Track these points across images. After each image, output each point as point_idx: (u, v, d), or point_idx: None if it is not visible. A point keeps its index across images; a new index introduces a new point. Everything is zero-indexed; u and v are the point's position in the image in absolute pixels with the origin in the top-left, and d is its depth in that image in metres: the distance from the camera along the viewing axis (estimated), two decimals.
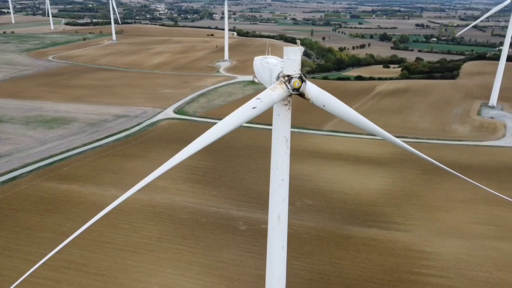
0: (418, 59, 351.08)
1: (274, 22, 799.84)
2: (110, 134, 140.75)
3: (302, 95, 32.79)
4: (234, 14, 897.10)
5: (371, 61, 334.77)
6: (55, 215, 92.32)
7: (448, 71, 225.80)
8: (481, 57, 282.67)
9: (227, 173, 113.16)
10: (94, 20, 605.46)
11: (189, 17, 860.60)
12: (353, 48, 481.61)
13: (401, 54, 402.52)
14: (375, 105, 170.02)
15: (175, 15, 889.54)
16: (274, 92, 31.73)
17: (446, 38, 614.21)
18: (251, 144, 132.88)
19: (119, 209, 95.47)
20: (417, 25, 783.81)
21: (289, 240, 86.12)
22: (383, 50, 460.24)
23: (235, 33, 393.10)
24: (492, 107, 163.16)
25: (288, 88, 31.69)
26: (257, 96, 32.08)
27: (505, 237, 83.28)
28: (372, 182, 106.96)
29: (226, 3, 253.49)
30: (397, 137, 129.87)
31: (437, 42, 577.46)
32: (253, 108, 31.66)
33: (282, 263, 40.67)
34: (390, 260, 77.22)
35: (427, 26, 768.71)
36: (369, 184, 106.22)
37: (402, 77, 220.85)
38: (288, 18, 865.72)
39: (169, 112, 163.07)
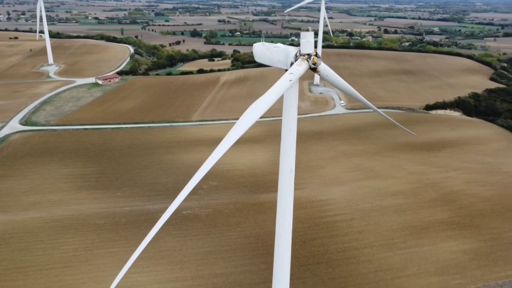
0: (235, 51, 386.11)
1: (75, 22, 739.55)
2: None
3: (314, 69, 42.65)
4: (24, 14, 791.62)
5: (196, 55, 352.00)
6: None
7: None
8: (291, 45, 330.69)
9: (121, 173, 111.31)
10: None
11: None
12: (170, 44, 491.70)
13: (218, 48, 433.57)
14: (227, 93, 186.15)
15: None
16: (301, 67, 40.95)
17: (247, 31, 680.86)
18: (129, 143, 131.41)
19: (18, 232, 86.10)
20: (219, 21, 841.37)
21: (214, 218, 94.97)
22: (199, 45, 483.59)
23: (42, 35, 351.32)
24: (317, 85, 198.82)
25: (309, 63, 41.25)
26: (289, 71, 40.79)
27: (368, 177, 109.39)
28: (258, 157, 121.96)
29: (41, 2, 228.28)
30: (258, 118, 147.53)
31: (241, 35, 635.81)
32: (290, 80, 40.37)
33: (291, 210, 50.05)
34: (302, 212, 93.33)
35: (228, 21, 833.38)
36: (256, 159, 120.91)
37: (238, 67, 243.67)
38: (89, 17, 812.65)
39: (15, 125, 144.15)
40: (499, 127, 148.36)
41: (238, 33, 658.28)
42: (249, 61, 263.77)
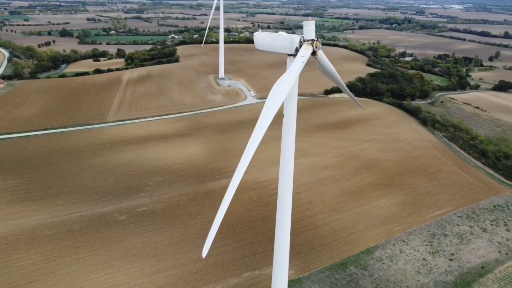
0: (119, 50, 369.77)
1: None
2: None
3: (314, 52, 49.77)
4: None
5: (77, 56, 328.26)
6: None
7: (170, 56, 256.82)
8: (183, 42, 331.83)
9: (53, 182, 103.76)
10: None
11: None
12: (39, 46, 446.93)
13: (99, 47, 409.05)
14: (136, 91, 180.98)
15: None
16: (308, 51, 47.76)
17: (122, 30, 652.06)
18: (47, 150, 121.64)
19: None
20: (88, 19, 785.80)
21: (171, 210, 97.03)
22: (72, 45, 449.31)
23: None
24: (223, 79, 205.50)
25: (313, 47, 48.36)
26: (301, 55, 47.19)
27: (299, 156, 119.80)
28: (192, 150, 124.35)
29: None
30: (177, 113, 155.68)
31: (117, 34, 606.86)
32: (303, 62, 46.98)
33: (291, 174, 56.87)
34: (252, 194, 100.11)
35: (98, 20, 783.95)
36: (191, 151, 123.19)
37: (137, 65, 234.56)
38: None
39: None
40: (386, 104, 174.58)
41: (113, 31, 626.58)
42: (144, 59, 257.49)
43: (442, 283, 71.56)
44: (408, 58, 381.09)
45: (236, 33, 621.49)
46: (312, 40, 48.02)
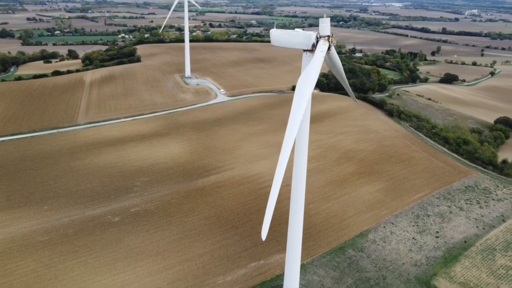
0: (70, 51, 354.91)
1: None
2: None
3: (329, 47, 53.20)
4: None
5: (26, 58, 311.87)
6: None
7: (130, 55, 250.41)
8: (141, 42, 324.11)
9: (35, 187, 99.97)
10: None
11: None
12: None
13: (47, 48, 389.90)
14: (102, 92, 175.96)
15: None
16: (325, 46, 51.17)
17: (68, 30, 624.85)
18: (20, 156, 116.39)
19: None
20: (28, 19, 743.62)
21: (165, 209, 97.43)
22: (16, 47, 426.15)
23: None
24: (190, 78, 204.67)
25: (329, 43, 51.80)
26: (320, 50, 50.47)
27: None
28: (173, 149, 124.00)
29: None
30: (149, 113, 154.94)
31: (63, 34, 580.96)
32: (322, 57, 50.28)
33: (305, 163, 60.11)
34: (243, 188, 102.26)
35: (39, 19, 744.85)
36: (173, 150, 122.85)
37: (97, 66, 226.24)
38: None
39: None
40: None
41: (58, 31, 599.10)
42: (103, 60, 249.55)
43: (433, 258, 77.99)
44: (358, 54, 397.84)
45: (189, 32, 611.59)
46: (328, 36, 51.28)
